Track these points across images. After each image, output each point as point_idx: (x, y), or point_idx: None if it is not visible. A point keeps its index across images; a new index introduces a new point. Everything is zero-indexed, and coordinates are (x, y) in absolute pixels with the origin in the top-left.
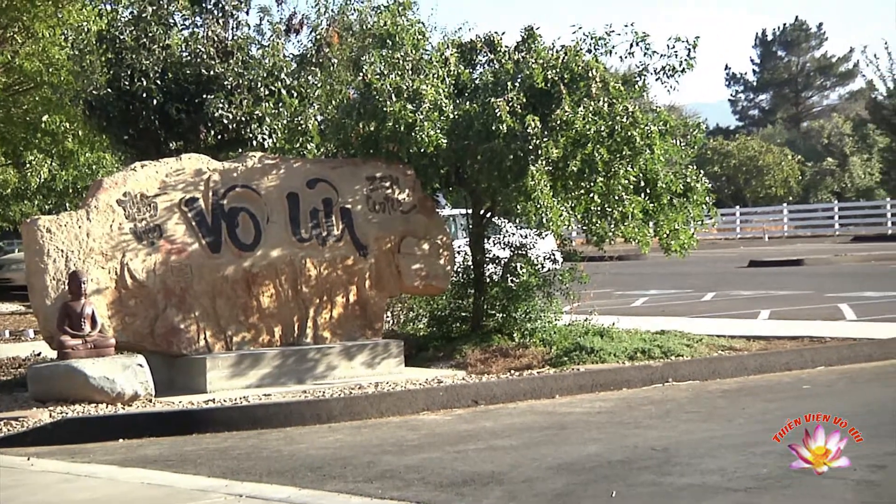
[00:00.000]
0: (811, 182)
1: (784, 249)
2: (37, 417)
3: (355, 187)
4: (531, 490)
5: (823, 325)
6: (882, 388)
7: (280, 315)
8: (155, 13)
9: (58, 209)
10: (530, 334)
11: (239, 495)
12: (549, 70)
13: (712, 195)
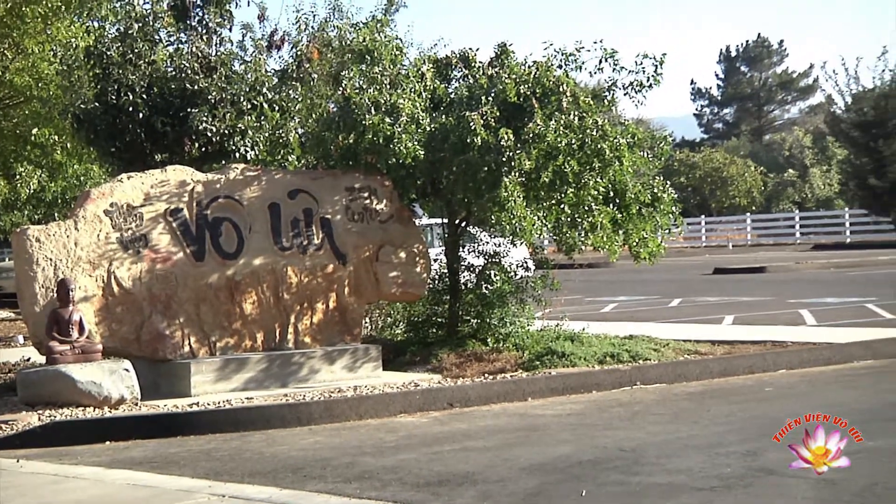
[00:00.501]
0: (773, 192)
1: (747, 257)
2: (26, 420)
3: (335, 198)
4: (504, 490)
5: (785, 330)
6: (841, 391)
7: (262, 321)
8: (141, 30)
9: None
10: (504, 339)
11: (222, 496)
12: (522, 85)
13: (678, 205)
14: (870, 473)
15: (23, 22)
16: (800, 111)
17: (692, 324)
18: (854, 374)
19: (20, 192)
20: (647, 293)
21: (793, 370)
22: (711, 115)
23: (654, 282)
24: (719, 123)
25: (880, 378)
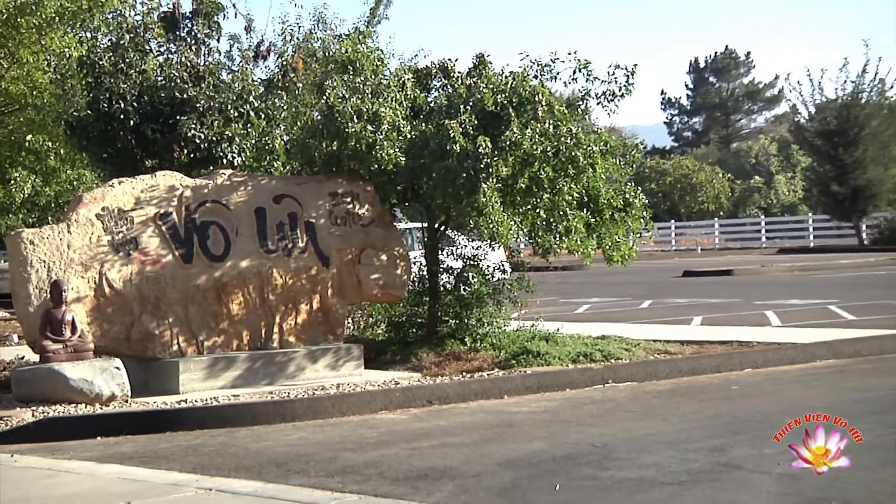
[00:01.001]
0: (740, 198)
1: (715, 260)
2: (20, 417)
3: (319, 202)
4: (481, 484)
5: (751, 331)
6: (804, 389)
7: (248, 321)
8: (132, 40)
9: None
10: (481, 339)
11: (209, 489)
12: (499, 94)
13: (649, 210)
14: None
15: (18, 32)
16: (766, 120)
17: (662, 324)
18: (817, 372)
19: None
20: (620, 295)
21: (758, 369)
22: (681, 124)
23: (625, 284)
24: (688, 132)
25: (842, 377)
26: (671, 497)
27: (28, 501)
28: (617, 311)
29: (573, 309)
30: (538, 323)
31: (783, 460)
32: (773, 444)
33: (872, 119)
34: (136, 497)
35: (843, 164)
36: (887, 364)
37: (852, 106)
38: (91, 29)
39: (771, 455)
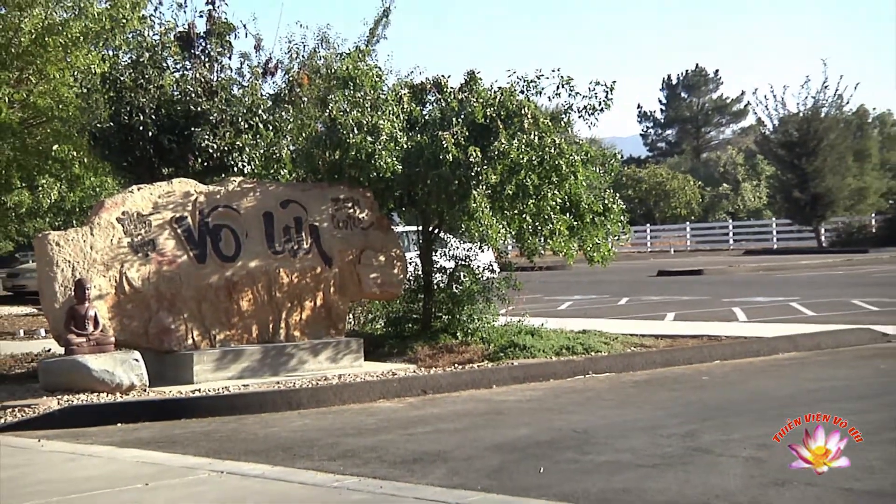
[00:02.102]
0: (710, 204)
1: (687, 261)
2: (46, 405)
3: (322, 207)
4: (471, 467)
5: (720, 326)
6: (768, 380)
7: (257, 317)
8: (151, 58)
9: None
10: (472, 333)
11: (220, 472)
12: (489, 108)
13: (627, 215)
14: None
15: (45, 51)
16: (733, 132)
17: (638, 320)
18: (779, 364)
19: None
20: (599, 293)
21: (726, 361)
22: (655, 136)
23: (605, 283)
24: (662, 143)
25: (802, 368)
26: (646, 478)
27: (53, 483)
28: (597, 307)
29: (556, 306)
30: (524, 318)
31: (749, 445)
32: (741, 430)
33: (831, 132)
34: (153, 479)
35: (804, 173)
36: (843, 356)
37: (812, 119)
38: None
39: (738, 440)
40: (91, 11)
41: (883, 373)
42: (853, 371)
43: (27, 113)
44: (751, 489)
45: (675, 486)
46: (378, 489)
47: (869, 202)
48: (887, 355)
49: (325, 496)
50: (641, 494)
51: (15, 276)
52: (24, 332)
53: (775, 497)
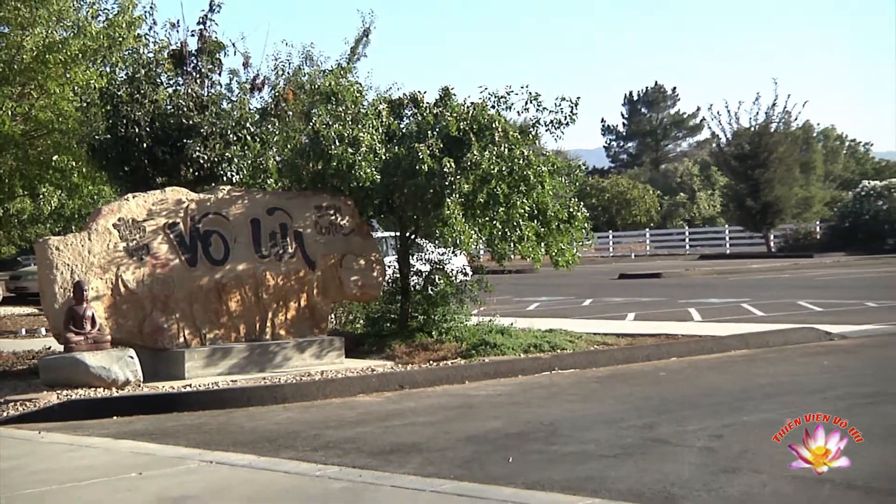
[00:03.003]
0: (668, 212)
1: (646, 265)
2: (46, 399)
3: (306, 214)
4: (445, 457)
5: (676, 325)
6: (720, 375)
7: (245, 317)
8: (146, 74)
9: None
10: (446, 332)
11: (210, 462)
12: (462, 122)
13: (590, 222)
14: (742, 442)
15: (46, 67)
16: (689, 145)
17: (601, 320)
18: (731, 361)
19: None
20: (565, 294)
21: (682, 358)
22: (617, 148)
23: (570, 285)
24: (624, 155)
25: (752, 364)
26: (608, 468)
27: (53, 472)
28: (563, 308)
29: (525, 306)
30: (495, 318)
31: (703, 436)
32: (695, 422)
33: (780, 145)
34: (146, 468)
35: (755, 183)
36: (790, 353)
37: (763, 134)
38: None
39: (692, 431)
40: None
41: (826, 369)
42: (799, 367)
43: (29, 125)
44: (704, 476)
45: (634, 474)
46: (357, 478)
47: (814, 210)
48: (830, 352)
49: (308, 484)
50: (603, 482)
51: (17, 278)
52: (26, 331)
53: (725, 483)
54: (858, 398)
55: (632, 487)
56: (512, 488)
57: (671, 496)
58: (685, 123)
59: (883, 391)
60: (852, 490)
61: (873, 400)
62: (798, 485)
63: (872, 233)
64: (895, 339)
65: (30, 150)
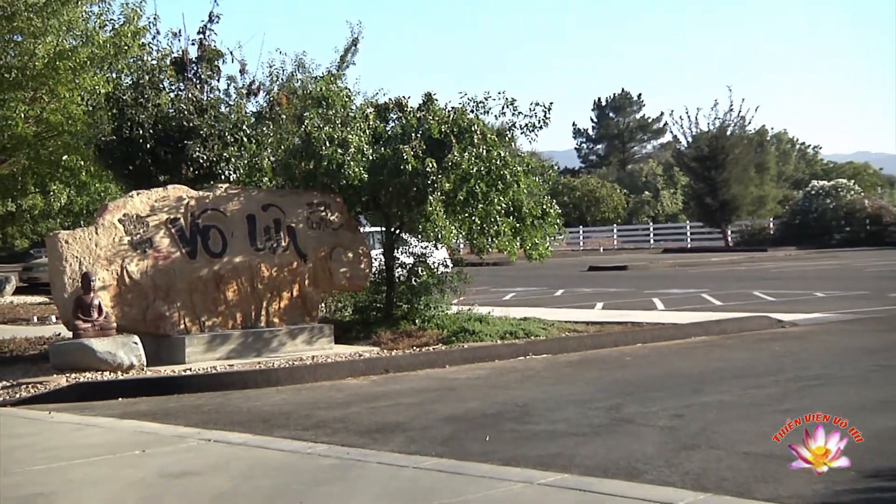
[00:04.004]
0: (633, 209)
1: (614, 258)
2: (56, 382)
3: (298, 211)
4: (426, 435)
5: (641, 314)
6: (682, 359)
7: (241, 306)
8: (149, 80)
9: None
10: (428, 320)
11: (208, 440)
12: (443, 125)
13: (562, 218)
14: (702, 420)
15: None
16: (653, 147)
17: (572, 308)
18: (691, 346)
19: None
20: (538, 285)
21: (646, 344)
22: (587, 150)
23: (543, 277)
24: (593, 156)
25: (710, 350)
26: (578, 445)
27: (61, 449)
28: (536, 298)
29: (501, 296)
30: (473, 307)
31: (665, 416)
32: (658, 403)
33: (736, 147)
34: (149, 446)
35: (713, 183)
36: (745, 340)
37: (720, 137)
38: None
39: (656, 412)
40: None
41: (778, 354)
42: (754, 352)
43: (41, 127)
44: (665, 453)
45: (602, 451)
46: (345, 455)
47: (768, 208)
48: (781, 339)
49: (300, 461)
50: (573, 459)
51: (30, 269)
52: (38, 319)
53: (685, 459)
54: (807, 380)
55: (599, 463)
56: (488, 464)
57: (635, 471)
58: (650, 127)
59: (829, 374)
60: None
61: (820, 382)
62: (751, 460)
63: (821, 229)
64: (841, 326)
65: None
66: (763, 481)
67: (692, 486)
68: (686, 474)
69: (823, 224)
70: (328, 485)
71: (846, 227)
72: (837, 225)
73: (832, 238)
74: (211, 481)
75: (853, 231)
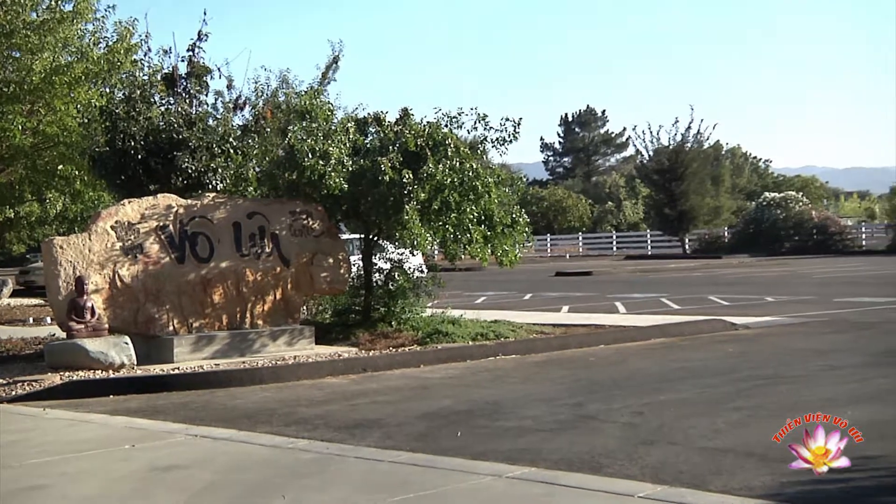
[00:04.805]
0: (598, 218)
1: (579, 264)
2: (51, 380)
3: (282, 218)
4: (402, 431)
5: (604, 317)
6: (642, 360)
7: (227, 308)
8: (141, 95)
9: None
10: (404, 322)
11: (195, 435)
12: (419, 138)
13: (530, 226)
14: (660, 417)
15: (53, 88)
16: (617, 160)
17: (539, 311)
18: (651, 348)
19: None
20: (508, 290)
21: (609, 345)
22: (554, 162)
23: (513, 281)
24: (560, 168)
25: (669, 351)
26: (544, 440)
27: (56, 444)
28: (506, 301)
29: (473, 300)
30: (447, 310)
31: (626, 413)
32: (620, 401)
33: (694, 162)
34: (139, 441)
35: (672, 194)
36: (701, 341)
37: (679, 151)
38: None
39: (617, 409)
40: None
41: (731, 355)
42: (709, 353)
43: (37, 138)
44: (626, 448)
45: (566, 446)
46: (325, 449)
47: (723, 218)
48: (734, 341)
49: (282, 455)
50: (540, 453)
51: (26, 273)
52: (33, 320)
53: (645, 454)
54: (758, 379)
55: (564, 457)
56: (460, 459)
57: (598, 465)
58: (613, 141)
59: (779, 374)
60: (751, 458)
61: (770, 381)
62: (706, 455)
63: (772, 238)
64: (790, 329)
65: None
66: (717, 474)
67: (651, 478)
68: (645, 467)
69: (774, 233)
70: (308, 478)
71: (795, 237)
72: (787, 234)
73: (782, 246)
74: (197, 474)
75: (801, 240)
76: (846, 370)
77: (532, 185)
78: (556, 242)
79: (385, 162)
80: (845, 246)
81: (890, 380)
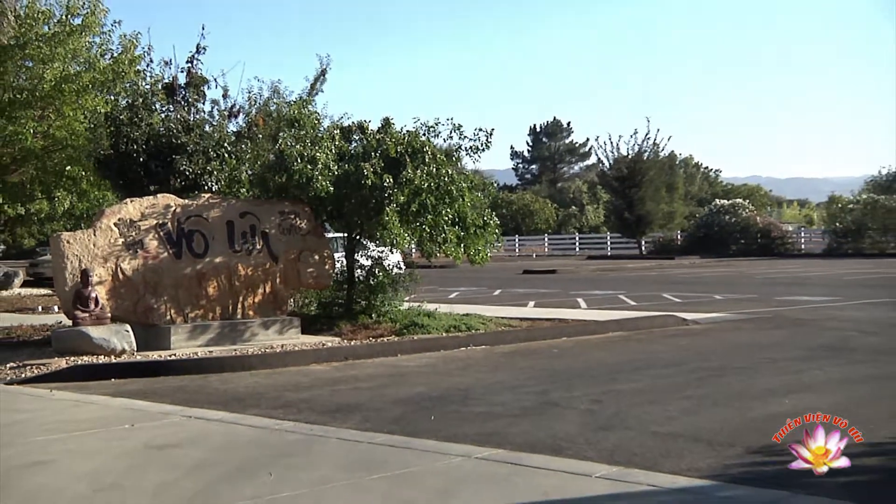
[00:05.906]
0: (562, 221)
1: (545, 263)
2: (57, 364)
3: (271, 218)
4: (380, 415)
5: (567, 312)
6: (601, 352)
7: (220, 300)
8: (143, 102)
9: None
10: (383, 315)
11: (189, 416)
12: (399, 146)
13: (500, 228)
14: (617, 405)
15: (62, 95)
16: (580, 168)
17: (508, 306)
18: (609, 341)
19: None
20: (479, 286)
21: (571, 338)
22: (523, 169)
23: (484, 279)
24: (528, 175)
25: (626, 343)
26: (511, 424)
27: (61, 423)
28: (477, 296)
29: (447, 295)
30: (423, 304)
31: (586, 400)
32: (580, 389)
33: (650, 170)
34: (137, 421)
35: (631, 200)
36: (655, 335)
37: (637, 161)
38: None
39: (578, 396)
40: (98, 66)
41: (683, 348)
42: (662, 346)
43: (47, 142)
44: (585, 433)
45: (531, 429)
46: (309, 431)
47: (676, 222)
48: (686, 335)
49: (269, 436)
50: (506, 436)
51: (36, 265)
52: (42, 309)
53: (602, 438)
54: (707, 371)
55: (528, 440)
56: (433, 440)
57: (559, 447)
58: (577, 151)
59: (726, 365)
60: (698, 442)
61: (718, 372)
62: (658, 439)
63: (720, 241)
64: (735, 324)
65: (47, 161)
66: (667, 456)
67: (607, 460)
68: (602, 450)
69: (723, 237)
70: (294, 457)
71: (741, 240)
72: (734, 238)
73: (730, 249)
74: (191, 452)
75: (747, 243)
76: (785, 363)
77: (502, 190)
78: (524, 243)
79: (368, 167)
80: (786, 249)
81: (823, 371)
